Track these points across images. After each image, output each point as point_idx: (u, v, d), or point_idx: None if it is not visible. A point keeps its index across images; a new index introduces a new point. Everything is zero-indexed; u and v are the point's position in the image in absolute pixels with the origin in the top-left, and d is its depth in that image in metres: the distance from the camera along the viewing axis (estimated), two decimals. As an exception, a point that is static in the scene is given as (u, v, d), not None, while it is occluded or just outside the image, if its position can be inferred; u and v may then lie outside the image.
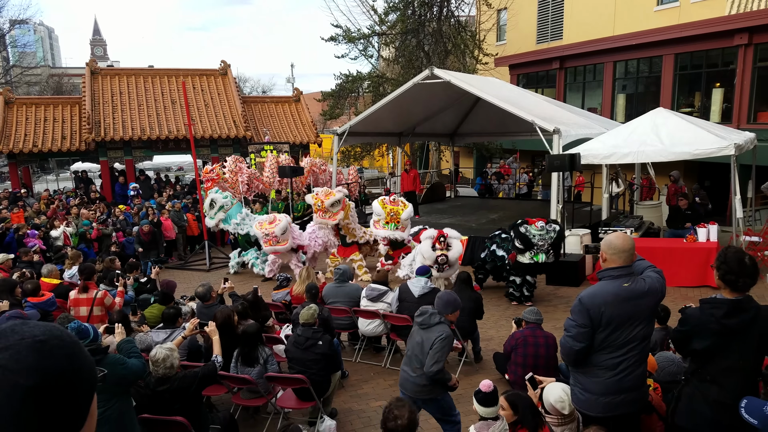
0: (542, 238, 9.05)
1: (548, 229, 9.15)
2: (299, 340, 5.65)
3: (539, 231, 9.11)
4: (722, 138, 10.30)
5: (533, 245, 9.09)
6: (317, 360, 5.51)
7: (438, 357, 4.47)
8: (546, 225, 9.21)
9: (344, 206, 11.32)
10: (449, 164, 25.02)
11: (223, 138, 20.10)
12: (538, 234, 9.09)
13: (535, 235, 9.10)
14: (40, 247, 11.48)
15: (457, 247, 9.42)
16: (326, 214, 11.05)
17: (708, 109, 17.41)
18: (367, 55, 24.85)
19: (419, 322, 4.75)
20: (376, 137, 19.51)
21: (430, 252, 9.32)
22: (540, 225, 9.21)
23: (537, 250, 9.08)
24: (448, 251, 9.27)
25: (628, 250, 3.54)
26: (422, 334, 4.68)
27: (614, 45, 19.29)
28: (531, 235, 9.12)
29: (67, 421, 1.04)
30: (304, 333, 5.65)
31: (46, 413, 1.00)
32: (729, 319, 3.32)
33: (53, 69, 74.68)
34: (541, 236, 9.06)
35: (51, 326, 1.08)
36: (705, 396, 3.43)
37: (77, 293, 7.02)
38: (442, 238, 9.35)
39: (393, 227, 10.86)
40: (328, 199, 11.02)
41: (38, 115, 19.68)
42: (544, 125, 11.61)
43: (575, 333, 3.56)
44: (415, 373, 4.67)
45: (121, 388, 4.08)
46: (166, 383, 4.55)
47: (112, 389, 4.00)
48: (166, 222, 14.58)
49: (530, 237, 9.11)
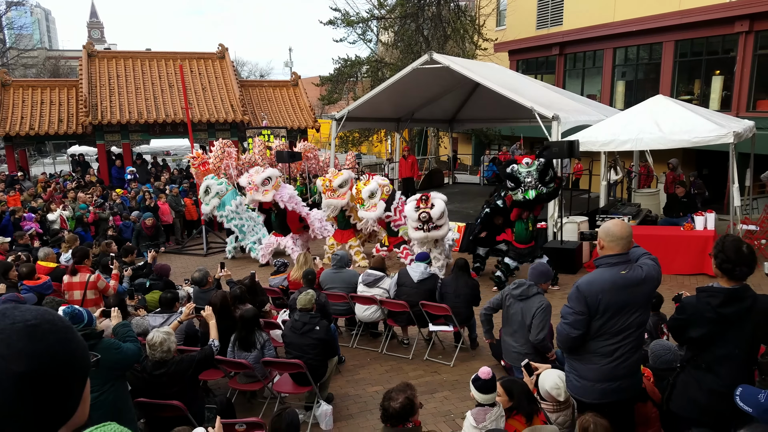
0: (529, 174, 9.11)
1: (536, 164, 9.20)
2: (296, 325, 5.66)
3: (526, 168, 9.18)
4: (721, 126, 10.27)
5: (521, 183, 9.16)
6: (314, 345, 5.53)
7: (542, 326, 5.04)
8: (534, 161, 9.27)
9: (352, 187, 11.29)
10: (447, 150, 24.96)
11: (221, 122, 20.00)
12: (525, 171, 9.16)
13: (521, 173, 9.18)
14: (36, 231, 11.46)
15: (440, 206, 9.42)
16: (335, 193, 11.03)
17: (707, 96, 17.35)
18: (366, 40, 24.68)
19: (517, 294, 5.28)
20: (374, 123, 19.42)
21: (412, 213, 9.51)
22: (526, 162, 9.30)
23: (525, 186, 9.14)
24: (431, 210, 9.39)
25: (625, 237, 3.54)
26: (521, 305, 5.25)
27: (614, 31, 19.16)
28: (518, 173, 9.21)
29: (60, 406, 1.04)
30: (301, 318, 5.66)
31: (39, 398, 0.99)
32: (725, 308, 3.33)
33: (50, 51, 74.10)
34: (528, 172, 9.13)
35: (43, 310, 1.07)
36: (700, 383, 3.46)
37: (69, 277, 7.00)
38: (424, 197, 9.50)
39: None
40: (336, 178, 11.03)
41: (35, 98, 19.55)
42: (543, 111, 11.56)
43: (572, 320, 3.57)
44: (518, 342, 5.29)
45: (115, 372, 4.08)
46: (162, 367, 4.56)
47: (106, 374, 4.01)
48: (164, 206, 14.55)
49: (517, 175, 9.20)
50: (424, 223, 9.45)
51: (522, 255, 9.69)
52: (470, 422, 3.72)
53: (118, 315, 4.68)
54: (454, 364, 6.84)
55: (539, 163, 9.23)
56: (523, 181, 9.16)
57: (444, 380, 6.49)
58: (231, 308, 6.11)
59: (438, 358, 7.08)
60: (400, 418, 3.23)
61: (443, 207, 9.52)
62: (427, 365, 6.92)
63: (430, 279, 7.21)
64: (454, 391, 6.19)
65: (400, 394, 3.26)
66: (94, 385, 3.93)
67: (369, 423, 5.56)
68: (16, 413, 0.97)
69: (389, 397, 3.28)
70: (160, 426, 4.54)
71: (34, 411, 0.99)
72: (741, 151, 12.54)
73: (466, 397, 5.60)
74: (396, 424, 3.24)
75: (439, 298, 7.09)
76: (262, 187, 11.16)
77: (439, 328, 7.01)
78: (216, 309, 6.00)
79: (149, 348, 4.56)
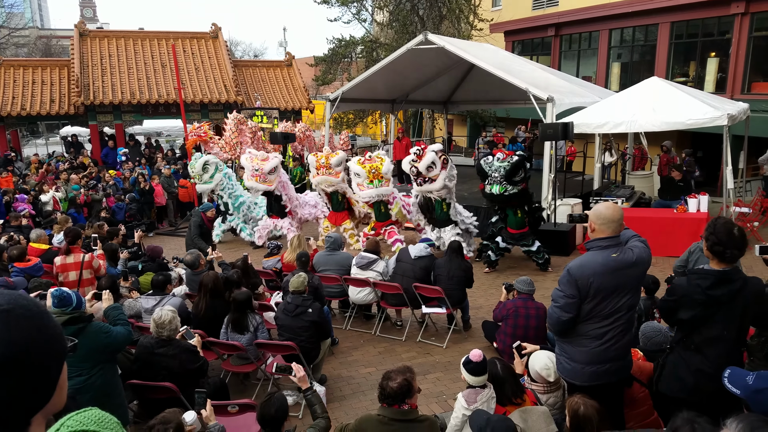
0: (496, 169, 9.05)
1: (509, 160, 9.07)
2: (289, 307, 5.66)
3: (498, 162, 9.09)
4: (715, 108, 10.26)
5: (488, 175, 9.12)
6: (307, 327, 5.54)
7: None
8: (509, 157, 9.14)
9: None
10: (443, 132, 24.86)
11: (214, 102, 19.85)
12: (496, 164, 9.09)
13: (492, 165, 9.12)
14: (29, 212, 11.39)
15: (427, 158, 9.27)
16: (329, 170, 10.90)
17: (702, 78, 17.29)
18: (361, 19, 24.41)
19: None
20: (368, 104, 19.30)
21: (407, 166, 9.46)
22: (499, 156, 9.23)
23: (491, 180, 9.10)
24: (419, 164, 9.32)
25: (617, 220, 3.53)
26: None
27: (610, 12, 19.01)
28: (487, 165, 9.16)
29: (35, 392, 1.02)
30: (293, 300, 5.67)
31: (13, 384, 0.97)
32: (715, 290, 3.34)
33: (42, 30, 72.98)
34: (496, 168, 9.05)
35: (16, 295, 1.05)
36: (688, 364, 3.48)
37: (63, 258, 6.96)
38: (419, 151, 9.41)
39: (378, 184, 10.65)
40: (332, 157, 10.88)
41: (26, 78, 19.34)
42: (538, 93, 11.51)
43: (563, 304, 3.57)
44: None
45: (104, 356, 4.07)
46: (165, 347, 4.55)
47: (95, 357, 3.99)
48: (157, 188, 14.48)
49: (486, 168, 9.16)
50: (416, 177, 9.37)
51: (514, 239, 9.72)
52: (461, 404, 3.75)
53: (110, 298, 4.65)
54: (447, 346, 6.88)
55: (510, 160, 9.11)
56: (490, 175, 9.11)
57: (437, 362, 6.52)
58: (222, 290, 6.10)
59: (431, 339, 7.11)
60: (397, 399, 3.25)
61: (431, 158, 9.26)
62: (420, 347, 6.96)
63: (427, 258, 7.27)
64: (447, 372, 6.23)
65: (399, 375, 3.29)
66: (83, 368, 3.93)
67: (362, 404, 5.60)
68: None
69: (388, 377, 3.30)
70: (152, 407, 4.55)
71: (7, 397, 0.97)
72: (735, 133, 12.53)
73: (458, 378, 5.62)
74: (392, 404, 3.26)
75: (433, 280, 7.11)
76: (269, 176, 11.02)
77: (432, 310, 7.04)
78: (207, 290, 6.02)
79: (157, 327, 4.54)
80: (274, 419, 3.40)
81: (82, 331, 3.95)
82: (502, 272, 9.87)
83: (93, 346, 3.97)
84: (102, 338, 4.03)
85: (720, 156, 11.59)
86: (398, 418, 3.24)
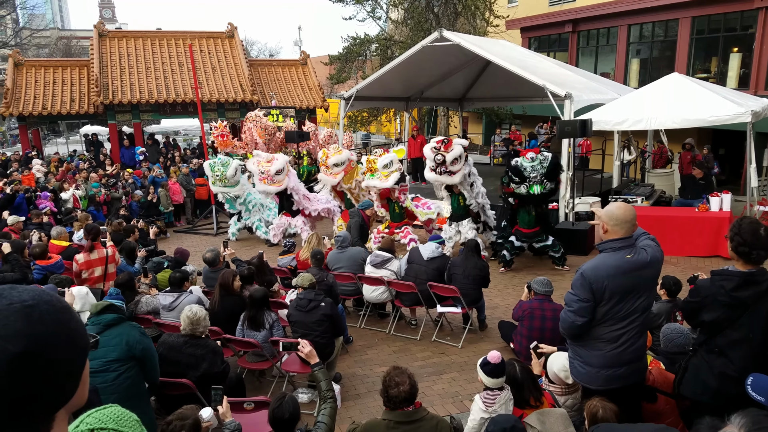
0: (534, 169, 8.97)
1: (540, 159, 9.03)
2: (301, 303, 5.64)
3: (531, 162, 9.02)
4: (738, 104, 10.06)
5: (526, 178, 9.02)
6: (320, 322, 5.51)
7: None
8: (538, 155, 9.10)
9: (348, 170, 11.20)
10: (457, 130, 24.75)
11: (230, 102, 19.96)
12: (529, 166, 9.01)
13: (526, 167, 9.03)
14: (51, 209, 11.54)
15: (456, 151, 9.23)
16: (328, 170, 10.95)
17: (725, 74, 17.01)
18: (375, 17, 24.40)
19: None
20: (383, 102, 19.27)
21: (430, 152, 9.38)
22: (530, 156, 9.12)
23: (531, 181, 9.01)
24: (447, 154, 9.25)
25: (630, 220, 3.45)
26: None
27: (629, 8, 18.77)
28: (522, 168, 9.05)
29: (58, 387, 1.03)
30: (306, 296, 5.65)
31: (36, 379, 0.98)
32: (740, 292, 3.25)
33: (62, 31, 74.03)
34: (533, 167, 8.98)
35: (40, 291, 1.06)
36: (711, 367, 3.40)
37: (86, 255, 7.00)
38: (446, 140, 9.38)
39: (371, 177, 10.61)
40: (334, 156, 10.92)
41: (47, 78, 19.61)
42: (556, 90, 11.39)
43: (577, 308, 3.50)
44: None
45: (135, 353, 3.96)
46: (193, 347, 4.56)
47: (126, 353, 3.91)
48: (174, 186, 14.59)
49: (522, 169, 9.05)
50: (438, 165, 9.31)
51: (528, 237, 9.63)
52: (479, 406, 3.69)
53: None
54: (462, 346, 6.82)
55: (544, 157, 9.04)
56: (528, 176, 9.02)
57: (452, 362, 6.48)
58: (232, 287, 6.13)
59: (446, 339, 7.06)
60: (405, 403, 3.21)
61: (459, 152, 9.23)
62: (435, 346, 6.91)
63: (440, 258, 7.20)
64: (462, 372, 6.18)
65: (403, 377, 3.22)
66: (112, 366, 3.86)
67: (376, 403, 5.56)
68: (12, 394, 0.96)
69: (395, 383, 3.20)
70: (169, 403, 4.56)
71: (31, 392, 0.97)
72: (759, 130, 12.31)
73: (473, 378, 5.58)
74: (397, 407, 3.22)
75: (448, 279, 7.06)
76: (276, 177, 11.07)
77: (447, 310, 6.99)
78: (225, 287, 6.06)
79: (191, 324, 4.55)
80: (286, 422, 3.38)
81: (119, 323, 3.97)
82: (519, 271, 9.79)
83: (128, 339, 3.93)
84: (136, 334, 4.00)
85: (743, 153, 11.38)
86: (405, 420, 3.19)
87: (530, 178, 8.99)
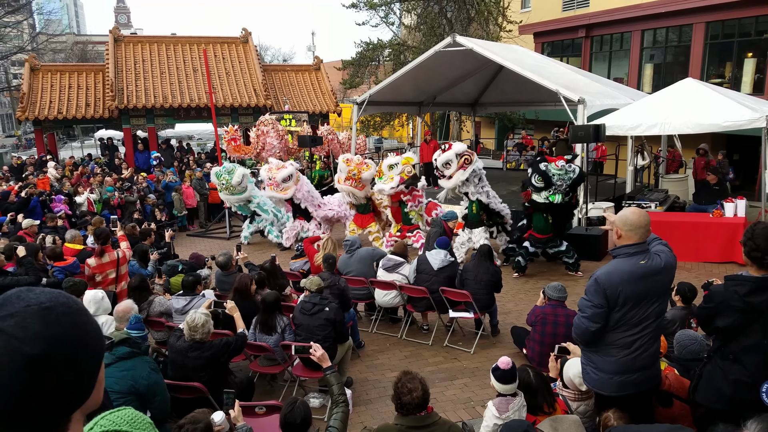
0: (561, 178, 8.90)
1: (567, 169, 8.96)
2: (306, 306, 5.63)
3: (558, 170, 8.95)
4: (753, 110, 9.97)
5: (552, 184, 8.95)
6: (324, 326, 5.47)
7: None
8: (566, 165, 9.03)
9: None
10: (470, 135, 24.74)
11: (244, 107, 20.07)
12: (557, 173, 8.93)
13: (554, 174, 8.95)
14: (66, 213, 11.66)
15: (450, 152, 9.25)
16: (358, 183, 10.92)
17: (739, 80, 16.86)
18: (389, 23, 24.46)
19: None
20: (396, 106, 19.30)
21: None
22: (560, 164, 9.04)
23: (555, 189, 8.93)
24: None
25: (644, 226, 3.43)
26: None
27: (643, 13, 18.67)
28: (551, 174, 8.96)
29: (75, 388, 1.04)
30: (311, 299, 5.64)
31: (54, 380, 0.99)
32: (753, 297, 3.22)
33: (78, 36, 75.00)
34: (560, 176, 8.90)
35: (57, 293, 1.07)
36: (726, 374, 3.37)
37: (98, 259, 7.07)
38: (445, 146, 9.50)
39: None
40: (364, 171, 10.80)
41: (63, 82, 19.83)
42: (569, 95, 11.35)
43: (591, 314, 3.48)
44: None
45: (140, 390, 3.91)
46: (198, 349, 4.60)
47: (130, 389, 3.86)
48: (188, 190, 14.69)
49: (551, 175, 8.95)
50: (436, 170, 9.40)
51: (542, 242, 9.58)
52: (492, 412, 3.67)
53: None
54: (475, 351, 6.80)
55: (572, 169, 9.00)
56: (555, 184, 8.96)
57: (464, 367, 6.46)
58: (250, 291, 6.16)
59: (458, 344, 7.04)
60: (418, 408, 3.20)
61: (447, 157, 9.20)
62: (447, 352, 6.89)
63: (449, 266, 7.16)
64: (474, 378, 6.16)
65: (415, 383, 3.20)
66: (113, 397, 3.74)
67: (388, 408, 5.55)
68: (30, 395, 0.97)
69: (407, 389, 3.17)
70: (181, 407, 4.60)
71: (49, 393, 0.99)
72: (774, 135, 12.16)
73: (486, 384, 5.56)
74: (409, 413, 3.21)
75: (460, 284, 7.03)
76: (282, 184, 11.12)
77: (459, 315, 6.96)
78: (241, 292, 6.09)
79: (190, 330, 4.59)
80: (298, 427, 3.38)
81: (132, 356, 3.97)
82: (532, 277, 9.74)
83: (134, 374, 3.90)
84: (145, 370, 3.95)
85: (757, 159, 11.26)
86: (417, 425, 3.18)
87: (556, 185, 8.96)
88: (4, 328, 0.98)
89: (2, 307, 1.01)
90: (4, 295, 1.04)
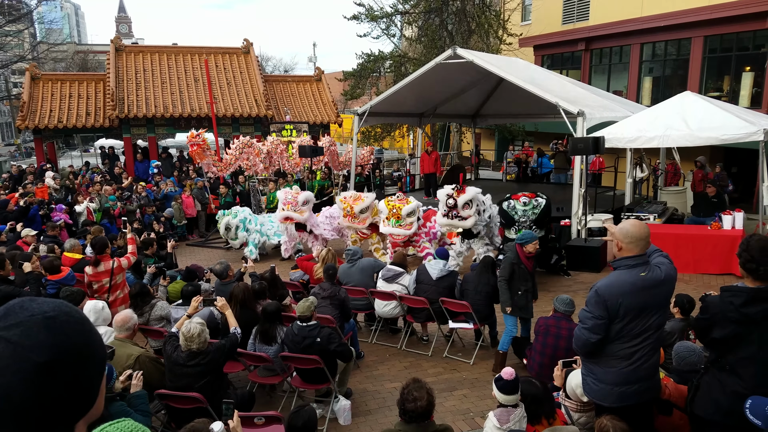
0: (525, 213, 8.92)
1: (533, 204, 8.96)
2: (296, 339, 5.35)
3: (523, 206, 8.98)
4: (751, 123, 10.03)
5: (515, 222, 8.96)
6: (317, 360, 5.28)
7: None
8: (532, 200, 9.02)
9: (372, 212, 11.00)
10: (470, 146, 24.82)
11: (245, 117, 20.14)
12: (521, 209, 8.96)
13: (518, 211, 8.98)
14: (66, 222, 11.66)
15: (468, 194, 9.10)
16: (355, 219, 10.72)
17: (737, 93, 16.95)
18: (390, 35, 24.59)
19: None
20: (396, 117, 19.38)
21: (443, 196, 9.25)
22: (523, 200, 9.07)
23: (519, 226, 8.95)
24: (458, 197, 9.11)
25: (644, 238, 3.46)
26: None
27: (642, 26, 18.81)
28: (514, 212, 9.01)
29: (79, 397, 1.05)
30: (300, 332, 5.34)
31: (59, 389, 1.00)
32: (749, 308, 3.24)
33: (79, 46, 75.31)
34: (524, 211, 8.93)
35: (59, 302, 1.09)
36: (723, 385, 3.38)
37: (93, 268, 7.07)
38: (459, 187, 9.25)
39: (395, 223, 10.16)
40: (356, 204, 10.66)
41: (63, 91, 19.89)
42: (568, 107, 11.41)
43: (592, 325, 3.50)
44: None
45: None
46: (197, 357, 4.60)
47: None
48: (188, 199, 14.71)
49: (512, 214, 9.01)
50: (450, 209, 9.23)
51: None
52: (493, 423, 3.67)
53: (139, 383, 4.32)
54: (474, 362, 6.80)
55: (537, 203, 8.98)
56: (518, 221, 8.99)
57: (464, 378, 6.45)
58: (252, 301, 6.17)
59: (458, 355, 7.04)
60: (423, 417, 3.20)
61: (470, 196, 9.12)
62: (447, 362, 6.89)
63: (448, 276, 7.17)
64: (474, 389, 6.15)
65: (421, 392, 3.20)
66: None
67: (387, 419, 5.55)
68: (36, 404, 0.98)
69: (412, 397, 3.18)
70: (180, 417, 4.59)
71: (54, 402, 0.99)
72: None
73: (485, 395, 5.57)
74: (413, 421, 3.21)
75: (460, 295, 7.04)
76: (300, 206, 11.08)
77: (459, 326, 6.96)
78: (238, 300, 6.09)
79: (186, 340, 4.59)
80: (300, 430, 3.39)
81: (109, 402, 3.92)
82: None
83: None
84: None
85: (755, 172, 11.31)
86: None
87: (520, 222, 8.98)
88: (9, 338, 0.98)
89: (6, 317, 1.02)
90: (7, 305, 1.05)
